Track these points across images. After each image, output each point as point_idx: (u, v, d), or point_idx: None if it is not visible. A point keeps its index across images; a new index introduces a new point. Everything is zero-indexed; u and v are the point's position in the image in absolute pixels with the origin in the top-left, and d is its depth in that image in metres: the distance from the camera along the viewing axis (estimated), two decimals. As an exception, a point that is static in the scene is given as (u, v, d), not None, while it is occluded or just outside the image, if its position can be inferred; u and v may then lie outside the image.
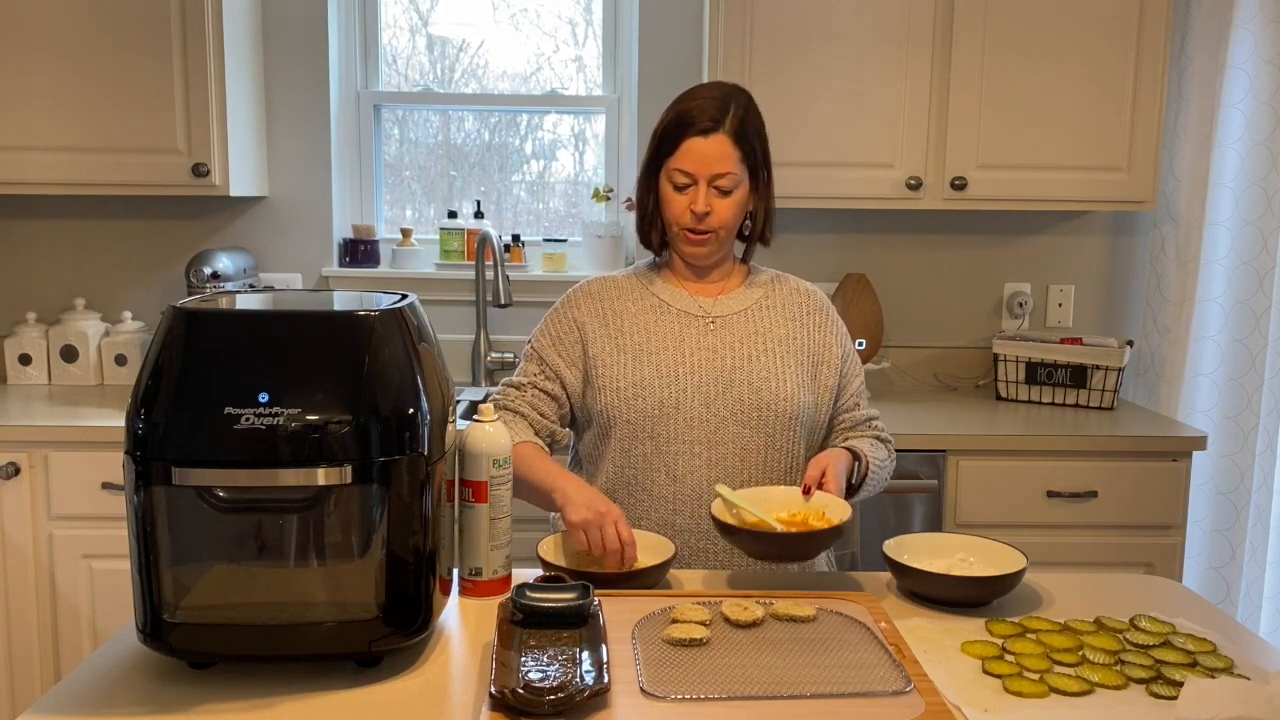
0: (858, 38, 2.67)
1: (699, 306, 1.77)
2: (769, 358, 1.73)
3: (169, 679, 1.22)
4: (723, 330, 1.75)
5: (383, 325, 1.23)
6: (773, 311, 1.79)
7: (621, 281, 1.82)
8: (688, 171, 1.68)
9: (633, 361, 1.72)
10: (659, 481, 1.70)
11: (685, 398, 1.70)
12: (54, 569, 2.50)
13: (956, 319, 3.13)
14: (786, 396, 1.71)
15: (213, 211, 3.04)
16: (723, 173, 1.68)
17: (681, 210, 1.71)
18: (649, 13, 2.99)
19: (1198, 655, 1.30)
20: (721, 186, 1.69)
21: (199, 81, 2.66)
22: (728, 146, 1.68)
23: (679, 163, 1.69)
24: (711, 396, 1.70)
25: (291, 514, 1.20)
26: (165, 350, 1.20)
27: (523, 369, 1.79)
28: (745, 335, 1.75)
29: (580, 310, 1.79)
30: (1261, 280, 2.90)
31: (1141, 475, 2.52)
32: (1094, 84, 2.70)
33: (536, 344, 1.79)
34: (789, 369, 1.73)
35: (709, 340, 1.74)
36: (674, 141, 1.69)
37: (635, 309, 1.78)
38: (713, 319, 1.76)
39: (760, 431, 1.70)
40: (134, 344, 2.94)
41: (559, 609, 1.28)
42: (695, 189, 1.69)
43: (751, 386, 1.71)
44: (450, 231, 3.08)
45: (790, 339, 1.77)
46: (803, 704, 1.13)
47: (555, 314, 1.81)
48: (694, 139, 1.67)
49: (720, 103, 1.69)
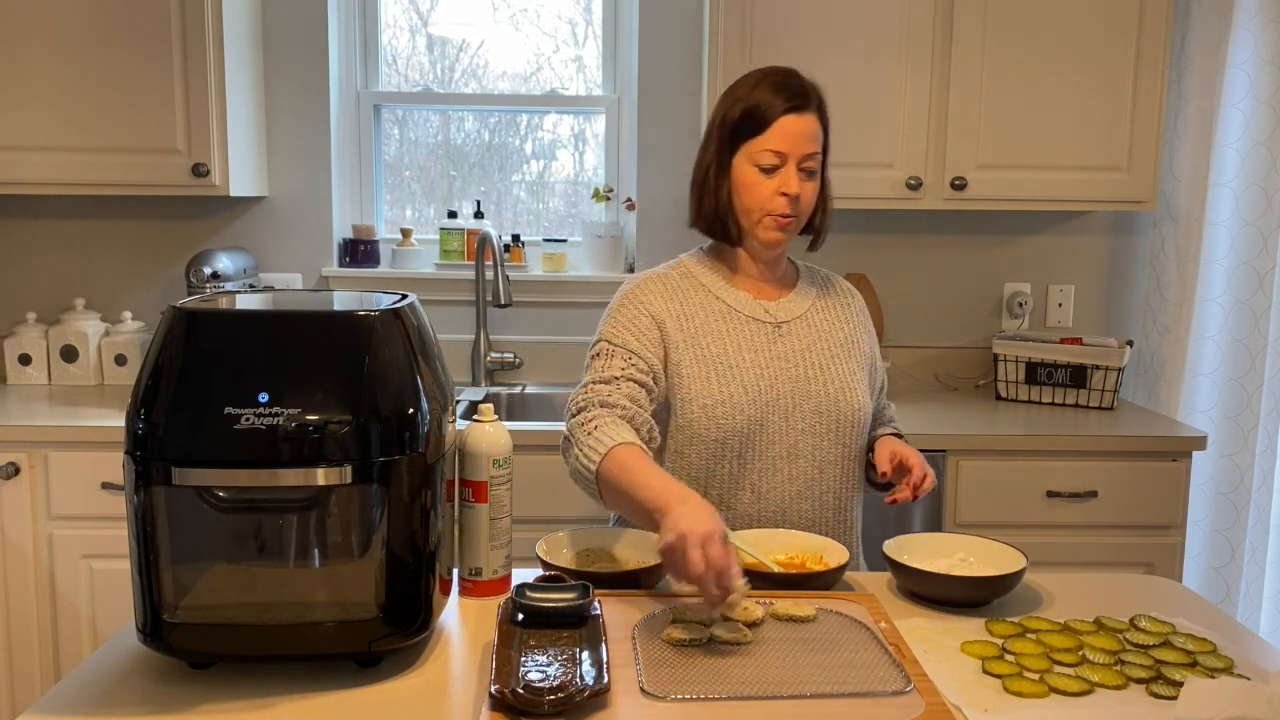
0: (858, 38, 2.67)
1: (764, 311, 1.69)
2: (837, 364, 1.69)
3: (169, 679, 1.22)
4: (789, 336, 1.69)
5: (383, 325, 1.23)
6: (829, 313, 1.74)
7: (678, 281, 1.71)
8: (780, 151, 1.60)
9: (717, 376, 1.63)
10: (744, 500, 1.66)
11: (769, 413, 1.64)
12: (54, 569, 2.50)
13: (956, 319, 3.13)
14: (860, 406, 1.68)
15: (213, 211, 3.04)
16: (812, 152, 1.61)
17: (769, 194, 1.61)
18: (649, 13, 2.99)
19: (1198, 655, 1.30)
20: (809, 168, 1.62)
21: (199, 81, 2.66)
22: (816, 126, 1.62)
23: (770, 142, 1.60)
24: (789, 409, 1.65)
25: (291, 514, 1.20)
26: (165, 350, 1.20)
27: (604, 365, 1.62)
28: (811, 341, 1.69)
29: (654, 305, 1.67)
30: (1261, 280, 2.90)
31: (1141, 475, 2.52)
32: (1094, 84, 2.70)
33: (613, 339, 1.64)
34: (855, 374, 1.70)
35: (779, 348, 1.67)
36: (763, 121, 1.60)
37: (704, 314, 1.67)
38: (777, 324, 1.69)
39: (837, 442, 1.67)
40: (134, 344, 2.94)
41: (559, 609, 1.28)
42: (784, 170, 1.61)
43: (828, 397, 1.66)
44: (450, 231, 3.08)
45: (849, 342, 1.73)
46: (803, 704, 1.13)
47: (624, 309, 1.67)
48: (788, 116, 1.59)
49: (804, 82, 1.63)
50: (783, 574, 1.48)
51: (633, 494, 1.41)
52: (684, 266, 1.74)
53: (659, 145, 3.04)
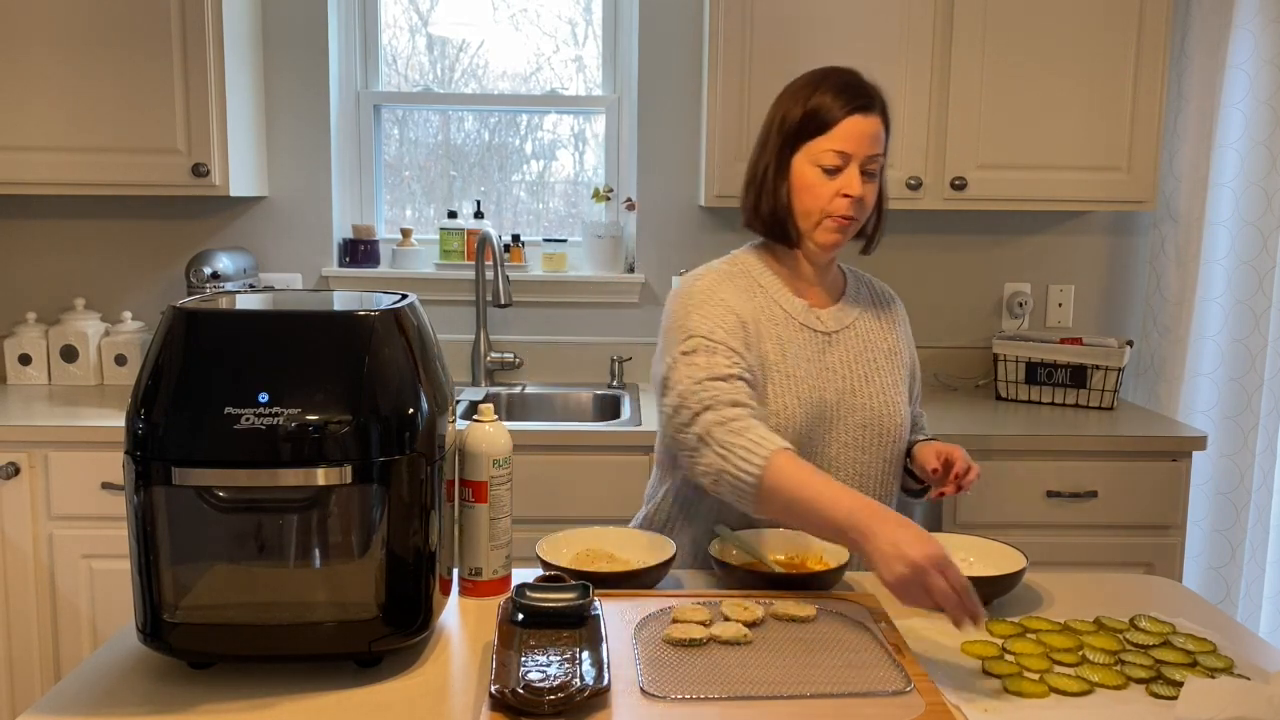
0: (858, 38, 2.67)
1: (816, 319, 1.66)
2: (881, 376, 1.67)
3: (169, 679, 1.22)
4: (838, 347, 1.66)
5: (383, 325, 1.23)
6: (874, 322, 1.72)
7: (740, 279, 1.66)
8: (845, 152, 1.57)
9: (774, 385, 1.60)
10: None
11: (816, 425, 1.62)
12: (54, 569, 2.50)
13: (956, 319, 3.13)
14: (901, 420, 1.67)
15: (213, 211, 3.04)
16: (876, 154, 1.59)
17: (829, 195, 1.58)
18: (649, 13, 2.99)
19: (1198, 655, 1.30)
20: (871, 170, 1.59)
21: (199, 81, 2.66)
22: (880, 127, 1.60)
23: (835, 142, 1.57)
24: (834, 421, 1.63)
25: (291, 514, 1.20)
26: (165, 350, 1.20)
27: (708, 363, 1.53)
28: (858, 352, 1.67)
29: (734, 303, 1.60)
30: (1261, 280, 2.90)
31: (1141, 475, 2.52)
32: (1094, 84, 2.70)
33: (711, 335, 1.55)
34: (897, 386, 1.69)
35: (828, 359, 1.65)
36: (827, 121, 1.57)
37: (765, 319, 1.63)
38: (828, 334, 1.66)
39: (878, 455, 1.66)
40: (134, 344, 2.94)
41: (559, 609, 1.28)
42: (847, 172, 1.58)
43: (872, 411, 1.64)
44: (450, 231, 3.08)
45: (892, 353, 1.71)
46: (803, 704, 1.13)
47: (708, 305, 1.59)
48: (856, 117, 1.57)
49: (867, 82, 1.61)
50: (783, 574, 1.48)
51: (814, 508, 1.35)
52: (742, 265, 1.69)
53: (659, 145, 3.04)
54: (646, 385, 3.06)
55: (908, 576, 1.23)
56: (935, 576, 1.22)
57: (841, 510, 1.32)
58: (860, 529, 1.29)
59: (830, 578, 1.48)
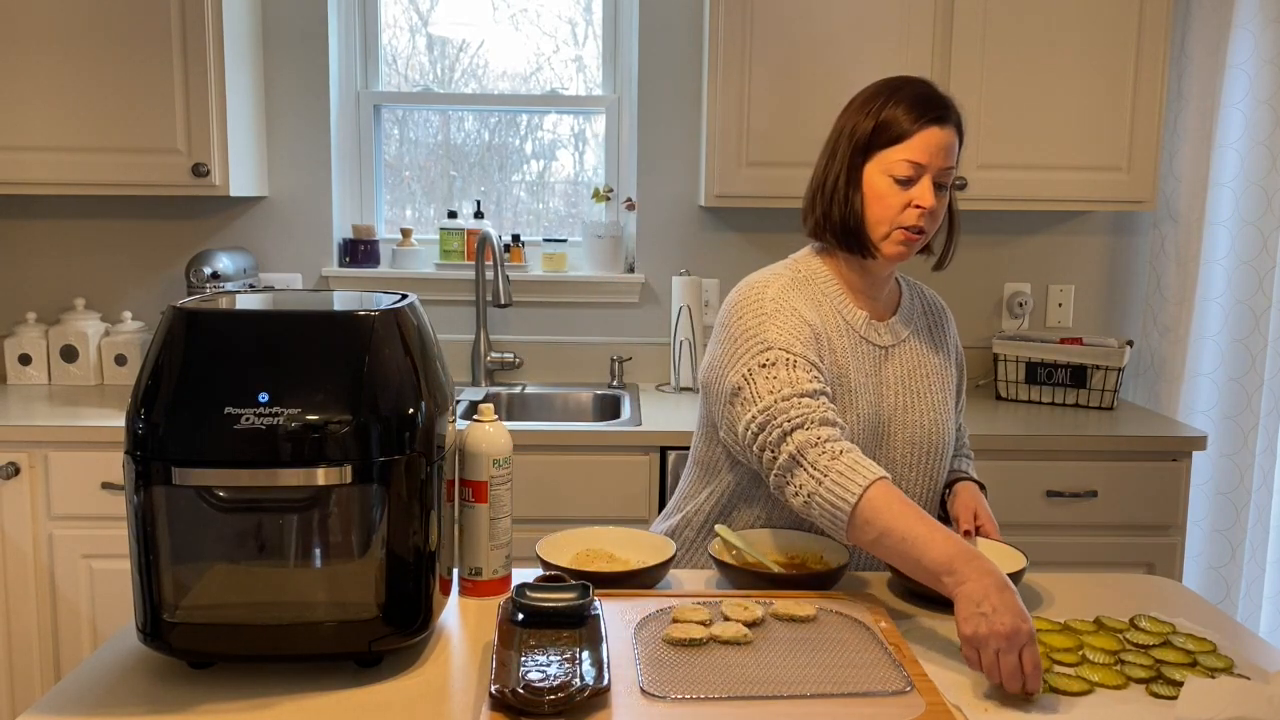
0: (857, 38, 2.67)
1: (875, 332, 1.64)
2: (932, 393, 1.66)
3: (169, 679, 1.22)
4: (893, 362, 1.64)
5: (383, 325, 1.23)
6: (927, 337, 1.70)
7: (805, 286, 1.62)
8: (920, 163, 1.53)
9: (840, 400, 1.57)
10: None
11: (870, 440, 1.60)
12: (54, 569, 2.50)
13: (957, 319, 3.12)
14: (947, 437, 1.66)
15: (213, 211, 3.04)
16: (949, 166, 1.56)
17: (900, 206, 1.55)
18: (649, 13, 2.99)
19: (1198, 655, 1.30)
20: (943, 182, 1.56)
21: (199, 81, 2.66)
22: (955, 140, 1.56)
23: (911, 153, 1.53)
24: (885, 437, 1.61)
25: (291, 514, 1.20)
26: (165, 350, 1.20)
27: (790, 377, 1.48)
28: (911, 368, 1.65)
29: (807, 314, 1.57)
30: (1261, 280, 2.90)
31: (1141, 475, 2.52)
32: (1094, 84, 2.70)
33: (790, 348, 1.51)
34: (946, 404, 1.68)
35: (884, 374, 1.63)
36: (904, 131, 1.53)
37: (831, 330, 1.60)
38: (884, 348, 1.64)
39: (925, 474, 1.65)
40: (134, 344, 2.94)
41: (559, 609, 1.28)
42: (921, 183, 1.54)
43: (922, 428, 1.63)
44: (450, 231, 3.08)
45: (943, 368, 1.70)
46: (803, 704, 1.13)
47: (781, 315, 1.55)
48: (933, 128, 1.53)
49: (943, 94, 1.58)
50: (783, 574, 1.48)
51: (910, 546, 1.31)
52: (807, 271, 1.65)
53: (659, 145, 3.04)
54: (647, 385, 3.06)
55: (983, 639, 1.20)
56: (1009, 655, 1.18)
57: (938, 551, 1.29)
58: (958, 575, 1.26)
59: (830, 578, 1.48)
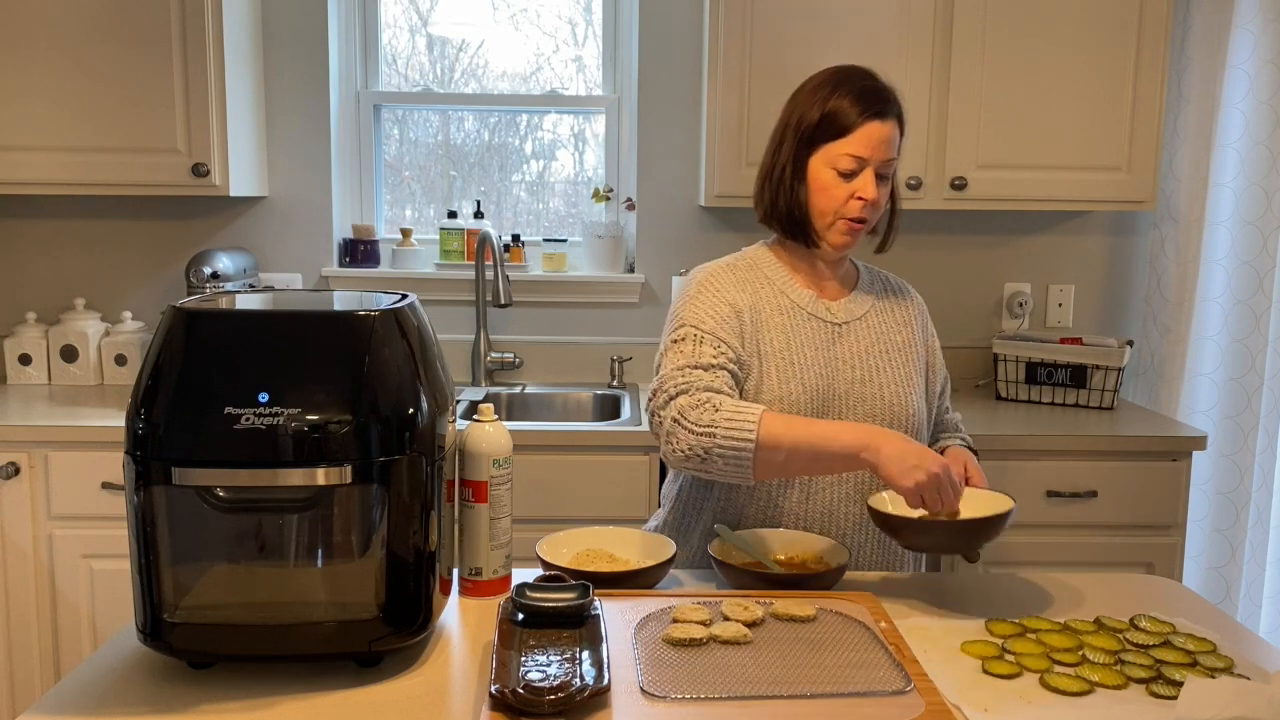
0: (857, 38, 2.67)
1: (825, 310, 1.69)
2: (894, 368, 1.69)
3: (169, 679, 1.22)
4: (848, 338, 1.69)
5: (383, 325, 1.23)
6: (888, 315, 1.74)
7: (746, 272, 1.71)
8: (862, 156, 1.60)
9: (778, 372, 1.63)
10: (793, 499, 1.65)
11: (824, 414, 1.64)
12: (54, 569, 2.50)
13: (956, 319, 3.13)
14: (913, 411, 1.68)
15: (213, 211, 3.04)
16: (890, 158, 1.62)
17: (844, 198, 1.62)
18: (649, 13, 2.99)
19: (1198, 655, 1.30)
20: (885, 173, 1.63)
21: (199, 81, 2.66)
22: (896, 132, 1.63)
23: (853, 147, 1.60)
24: (843, 412, 1.65)
25: (291, 514, 1.20)
26: (165, 350, 1.20)
27: (694, 351, 1.59)
28: (870, 343, 1.69)
29: (730, 294, 1.66)
30: (1261, 280, 2.90)
31: (1141, 475, 2.52)
32: (1094, 84, 2.70)
33: (700, 324, 1.62)
34: (910, 379, 1.70)
35: (838, 349, 1.67)
36: (846, 125, 1.60)
37: (770, 308, 1.67)
38: (838, 324, 1.69)
39: None
40: (134, 344, 2.94)
41: (559, 609, 1.28)
42: (863, 175, 1.61)
43: (883, 401, 1.66)
44: (450, 231, 3.08)
45: (907, 345, 1.73)
46: (803, 704, 1.13)
47: (703, 295, 1.65)
48: (874, 122, 1.60)
49: (885, 86, 1.64)
50: (783, 574, 1.48)
51: (819, 445, 1.46)
52: (752, 259, 1.74)
53: (659, 145, 3.04)
54: (647, 385, 3.06)
55: (925, 483, 1.39)
56: (947, 487, 1.40)
57: (847, 437, 1.45)
58: (872, 447, 1.43)
59: (830, 578, 1.48)
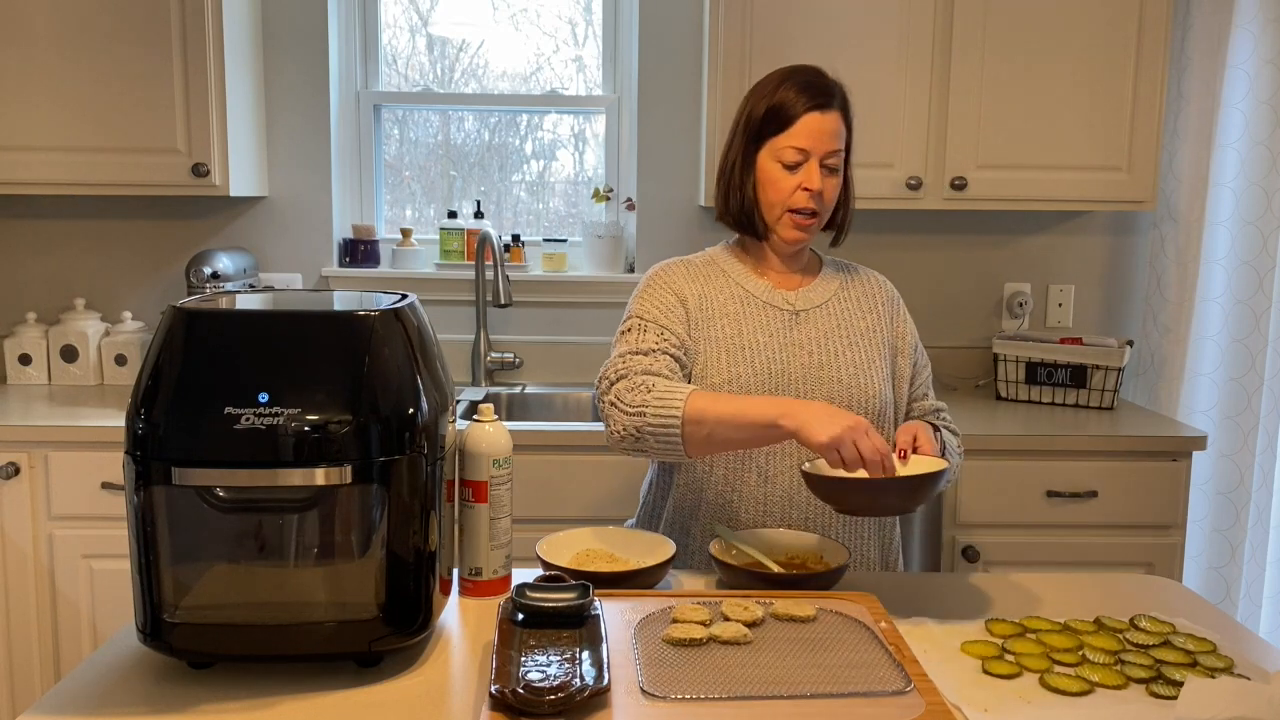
0: (858, 38, 2.67)
1: (782, 299, 1.72)
2: (854, 352, 1.71)
3: (169, 679, 1.22)
4: (807, 323, 1.71)
5: (383, 325, 1.23)
6: (851, 303, 1.76)
7: (702, 267, 1.76)
8: (803, 148, 1.64)
9: (726, 356, 1.67)
10: (750, 482, 1.67)
11: (767, 394, 1.65)
12: (54, 569, 2.50)
13: (956, 319, 3.13)
14: (875, 393, 1.69)
15: (213, 211, 3.04)
16: (835, 149, 1.65)
17: (790, 190, 1.66)
18: (649, 13, 2.99)
19: (1198, 655, 1.30)
20: (832, 165, 1.66)
21: (199, 81, 2.66)
22: (839, 124, 1.66)
23: (794, 139, 1.64)
24: (798, 394, 1.66)
25: (291, 514, 1.20)
26: (165, 350, 1.20)
27: (637, 339, 1.66)
28: (829, 329, 1.72)
29: (677, 284, 1.72)
30: (1261, 280, 2.90)
31: (1141, 475, 2.52)
32: (1094, 84, 2.70)
33: (644, 314, 1.68)
34: (873, 363, 1.71)
35: (795, 334, 1.70)
36: (789, 117, 1.64)
37: (723, 298, 1.72)
38: (795, 311, 1.72)
39: None
40: (134, 344, 2.94)
41: (559, 609, 1.28)
42: (807, 166, 1.65)
43: (841, 384, 1.68)
44: (450, 231, 3.08)
45: (871, 331, 1.74)
46: (803, 704, 1.13)
47: (650, 288, 1.72)
48: (813, 114, 1.63)
49: (828, 80, 1.67)
50: (783, 574, 1.48)
51: (741, 417, 1.48)
52: (709, 255, 1.79)
53: (659, 145, 3.04)
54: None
55: (840, 435, 1.38)
56: (866, 438, 1.38)
57: (764, 407, 1.47)
58: (790, 413, 1.44)
59: (830, 578, 1.48)
